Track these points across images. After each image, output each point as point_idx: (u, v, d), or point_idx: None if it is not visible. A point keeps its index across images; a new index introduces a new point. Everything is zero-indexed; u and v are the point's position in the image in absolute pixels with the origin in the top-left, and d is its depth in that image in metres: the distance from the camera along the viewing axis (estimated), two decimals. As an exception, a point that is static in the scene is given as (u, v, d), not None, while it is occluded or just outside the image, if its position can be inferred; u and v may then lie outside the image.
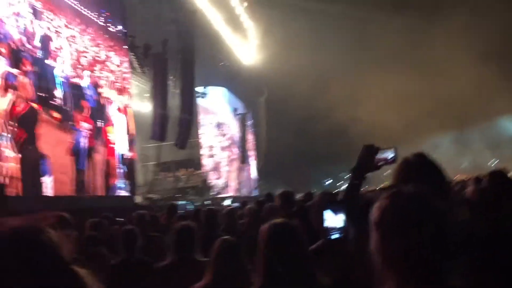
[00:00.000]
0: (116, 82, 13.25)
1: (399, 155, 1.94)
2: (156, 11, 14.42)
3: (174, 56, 15.11)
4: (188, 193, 18.36)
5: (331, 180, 37.92)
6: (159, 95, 14.57)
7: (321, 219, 2.23)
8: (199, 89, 18.82)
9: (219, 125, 22.16)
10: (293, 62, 22.98)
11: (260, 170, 26.92)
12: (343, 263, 2.24)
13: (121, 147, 12.89)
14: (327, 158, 31.25)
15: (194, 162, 20.94)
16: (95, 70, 11.90)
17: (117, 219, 6.36)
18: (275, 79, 24.95)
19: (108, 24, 12.91)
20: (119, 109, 13.04)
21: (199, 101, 19.49)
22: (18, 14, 8.71)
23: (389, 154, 1.95)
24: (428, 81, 25.45)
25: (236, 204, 8.97)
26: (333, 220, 2.13)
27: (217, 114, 22.20)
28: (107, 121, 12.15)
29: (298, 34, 23.06)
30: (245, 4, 20.16)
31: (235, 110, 23.52)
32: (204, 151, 20.53)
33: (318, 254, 2.54)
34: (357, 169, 2.01)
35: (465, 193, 2.80)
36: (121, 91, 13.49)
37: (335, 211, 2.11)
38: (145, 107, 18.37)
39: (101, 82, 12.21)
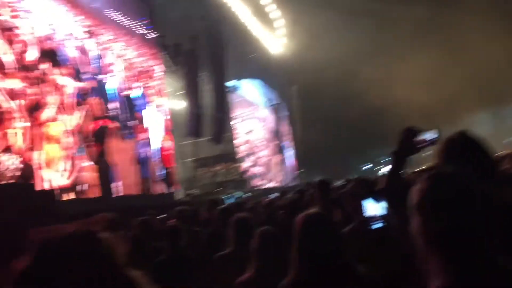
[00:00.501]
0: (160, 88, 13.80)
1: (441, 136, 1.89)
2: (184, 8, 14.54)
3: (204, 53, 15.22)
4: (227, 186, 18.51)
5: (370, 165, 37.42)
6: (192, 92, 14.73)
7: (357, 207, 2.18)
8: (231, 83, 18.90)
9: (254, 117, 22.20)
10: (322, 49, 22.69)
11: (298, 159, 26.84)
12: (387, 252, 2.20)
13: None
14: (364, 143, 30.83)
15: (231, 156, 21.09)
16: (143, 80, 12.62)
17: (158, 216, 6.50)
18: (306, 67, 24.73)
19: (145, 31, 13.30)
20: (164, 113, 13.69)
21: (233, 94, 19.58)
22: (73, 36, 9.73)
23: (431, 135, 1.91)
24: (460, 56, 24.59)
25: (275, 195, 8.97)
26: (374, 208, 2.07)
27: (252, 106, 22.23)
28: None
29: (326, 20, 22.71)
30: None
31: (269, 101, 23.48)
32: (240, 144, 20.63)
33: (352, 239, 2.51)
34: (398, 152, 1.97)
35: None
36: (161, 95, 13.94)
37: (376, 199, 2.06)
38: (180, 104, 18.65)
39: (149, 91, 12.94)
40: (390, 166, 2.01)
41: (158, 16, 14.26)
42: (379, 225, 2.04)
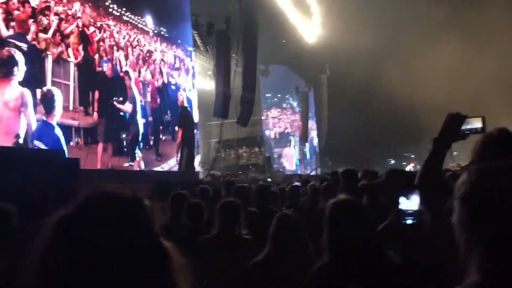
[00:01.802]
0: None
1: (485, 125, 1.83)
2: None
3: (236, 34, 15.16)
4: (250, 170, 18.56)
5: (394, 161, 36.94)
6: (222, 73, 14.70)
7: (394, 201, 2.15)
8: (261, 67, 18.82)
9: (282, 103, 22.13)
10: (354, 40, 22.38)
11: (322, 148, 26.70)
12: (417, 249, 2.16)
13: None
14: (390, 138, 30.41)
15: (256, 140, 21.11)
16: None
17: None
18: (337, 57, 24.44)
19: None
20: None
21: (262, 79, 19.51)
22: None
23: (478, 124, 1.85)
24: (489, 50, 23.95)
25: (297, 183, 8.93)
26: (407, 203, 2.03)
27: (280, 92, 22.15)
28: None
29: (360, 11, 22.40)
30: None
31: (297, 88, 23.34)
32: (266, 129, 20.62)
33: (387, 236, 2.48)
34: (441, 138, 1.90)
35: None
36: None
37: (409, 193, 2.00)
38: (208, 85, 18.69)
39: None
40: (430, 152, 1.93)
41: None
42: (412, 220, 1.99)
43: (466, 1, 23.01)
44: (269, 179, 14.13)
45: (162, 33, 12.47)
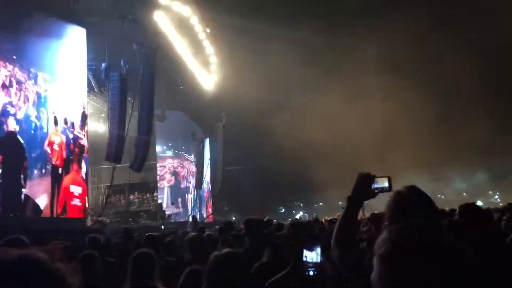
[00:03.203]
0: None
1: (391, 184, 1.99)
2: (117, 31, 14.26)
3: (134, 77, 14.91)
4: (141, 217, 17.91)
5: (284, 209, 38.07)
6: (117, 115, 14.24)
7: (295, 252, 2.21)
8: (157, 112, 18.60)
9: (177, 149, 21.90)
10: (249, 90, 23.40)
11: (217, 195, 26.69)
12: None
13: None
14: (281, 186, 31.48)
15: (150, 186, 20.54)
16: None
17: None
18: (232, 106, 25.14)
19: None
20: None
21: (158, 124, 19.25)
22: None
23: (384, 183, 1.99)
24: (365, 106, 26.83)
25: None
26: (310, 255, 2.10)
27: (176, 138, 21.95)
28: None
29: (255, 64, 23.68)
30: (208, 30, 20.31)
31: (193, 134, 23.34)
32: (160, 175, 20.18)
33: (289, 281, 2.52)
34: (354, 196, 2.01)
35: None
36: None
37: (312, 245, 2.09)
38: (101, 127, 17.97)
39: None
40: (344, 211, 2.04)
41: (90, 35, 13.88)
42: (313, 271, 2.06)
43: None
44: (162, 227, 13.70)
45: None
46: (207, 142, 25.37)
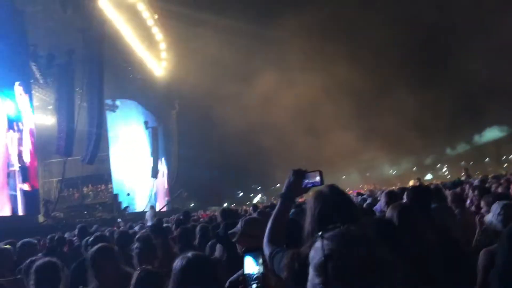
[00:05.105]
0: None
1: (323, 178, 1.97)
2: (61, 19, 13.67)
3: (81, 67, 14.40)
4: (97, 210, 17.51)
5: (242, 193, 38.26)
6: (65, 108, 13.77)
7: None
8: (108, 102, 18.11)
9: (129, 139, 21.43)
10: (201, 77, 23.26)
11: (173, 183, 26.44)
12: None
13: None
14: (238, 170, 31.60)
15: (103, 178, 20.05)
16: None
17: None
18: (185, 93, 24.87)
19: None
20: None
21: (109, 114, 18.75)
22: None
23: (316, 177, 1.98)
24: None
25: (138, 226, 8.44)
26: (252, 266, 1.93)
27: (128, 128, 21.45)
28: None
29: (205, 46, 23.54)
30: (156, 16, 19.87)
31: (146, 123, 22.88)
32: (114, 166, 19.74)
33: None
34: (287, 194, 1.99)
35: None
36: None
37: (253, 256, 1.93)
38: (49, 120, 17.31)
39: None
40: (276, 208, 2.01)
41: (31, 23, 13.17)
42: (257, 285, 1.90)
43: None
44: (119, 219, 13.46)
45: None
46: (161, 130, 24.98)
